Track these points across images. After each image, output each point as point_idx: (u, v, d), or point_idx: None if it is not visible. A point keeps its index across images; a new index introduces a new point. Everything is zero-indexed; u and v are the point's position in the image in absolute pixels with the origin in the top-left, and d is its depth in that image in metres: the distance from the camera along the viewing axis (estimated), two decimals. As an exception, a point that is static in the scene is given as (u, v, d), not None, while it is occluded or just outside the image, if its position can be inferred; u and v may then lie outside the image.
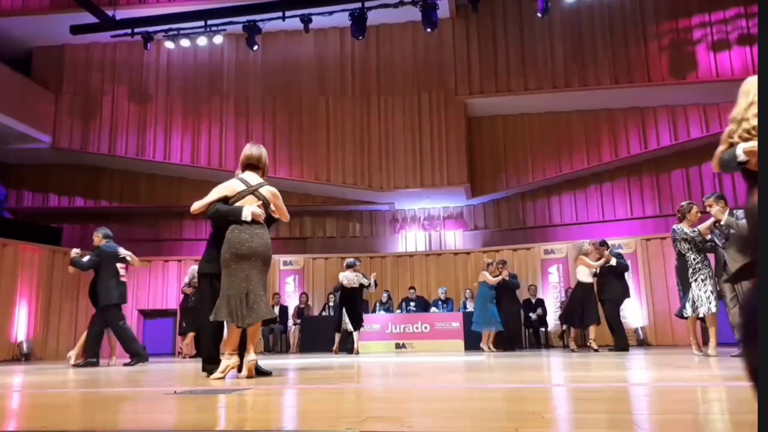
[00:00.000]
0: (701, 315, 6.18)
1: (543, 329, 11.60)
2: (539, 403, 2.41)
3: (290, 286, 13.05)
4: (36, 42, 13.06)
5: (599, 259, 8.55)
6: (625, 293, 8.59)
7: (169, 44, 12.13)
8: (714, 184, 11.87)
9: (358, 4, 10.87)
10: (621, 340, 8.24)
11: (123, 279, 7.34)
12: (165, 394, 2.98)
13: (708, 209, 5.99)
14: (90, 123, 12.99)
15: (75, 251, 7.34)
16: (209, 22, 11.62)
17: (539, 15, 10.78)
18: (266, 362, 7.21)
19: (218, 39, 11.97)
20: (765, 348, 0.70)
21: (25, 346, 10.92)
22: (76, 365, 6.96)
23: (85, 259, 7.33)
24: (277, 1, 11.23)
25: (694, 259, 6.25)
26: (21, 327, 11.03)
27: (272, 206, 4.41)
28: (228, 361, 4.10)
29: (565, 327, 10.36)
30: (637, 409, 2.20)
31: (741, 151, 1.89)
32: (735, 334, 5.84)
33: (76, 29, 11.75)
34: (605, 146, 12.47)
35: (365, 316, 11.38)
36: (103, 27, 11.74)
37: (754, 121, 1.81)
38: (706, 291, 6.11)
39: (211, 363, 4.34)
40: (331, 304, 12.23)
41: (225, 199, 4.32)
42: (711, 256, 6.41)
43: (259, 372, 4.21)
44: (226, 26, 11.69)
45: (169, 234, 13.95)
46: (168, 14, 11.56)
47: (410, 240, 13.73)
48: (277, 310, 12.25)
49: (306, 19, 11.25)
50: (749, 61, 11.06)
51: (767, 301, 0.71)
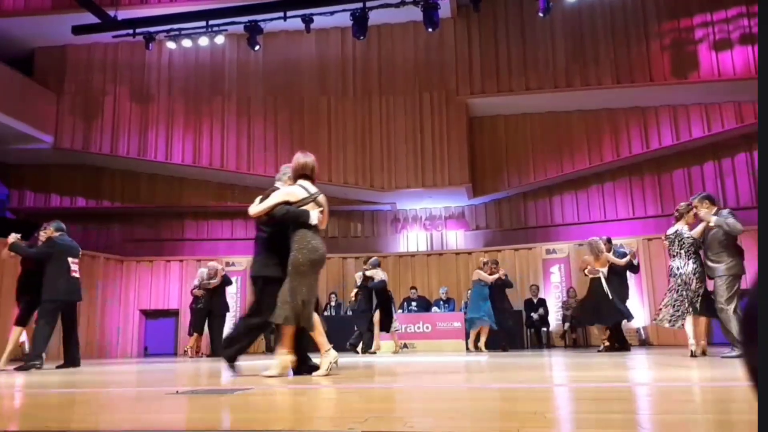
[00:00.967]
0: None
1: (545, 329, 11.59)
2: (541, 403, 2.40)
3: (292, 286, 13.05)
4: (38, 42, 13.08)
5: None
6: (627, 293, 8.56)
7: (171, 44, 12.14)
8: (716, 183, 11.86)
9: (360, 4, 10.87)
10: (623, 341, 8.25)
11: (75, 274, 6.81)
12: (166, 393, 2.99)
13: (695, 211, 5.99)
14: (91, 123, 13.01)
15: (15, 236, 6.73)
16: (211, 22, 11.63)
17: (540, 15, 10.77)
18: (267, 362, 7.22)
19: (220, 39, 11.98)
20: (765, 348, 0.70)
21: (27, 346, 10.92)
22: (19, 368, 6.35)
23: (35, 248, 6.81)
24: (279, 1, 11.23)
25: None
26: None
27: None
28: (284, 359, 4.22)
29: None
30: (639, 409, 2.19)
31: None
32: (725, 336, 5.80)
33: (77, 29, 11.77)
34: (607, 146, 12.46)
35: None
36: (104, 27, 11.75)
37: None
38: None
39: (232, 360, 4.44)
40: (333, 303, 12.22)
41: (286, 205, 4.38)
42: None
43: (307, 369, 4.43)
44: (227, 26, 11.70)
45: (170, 234, 13.97)
46: (169, 14, 11.57)
47: (412, 240, 13.73)
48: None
49: (307, 19, 11.25)
50: (751, 61, 11.05)
51: (767, 301, 0.71)
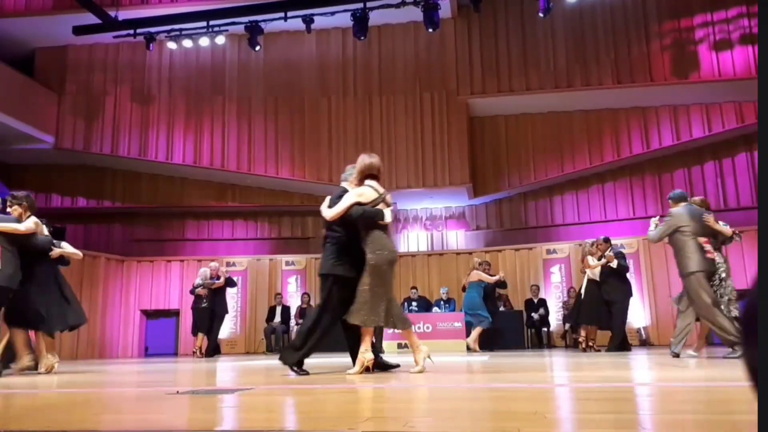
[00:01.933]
0: None
1: (545, 329, 11.59)
2: (541, 403, 2.40)
3: (292, 286, 13.07)
4: (39, 42, 13.09)
5: (600, 257, 8.51)
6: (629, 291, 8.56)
7: (172, 45, 12.15)
8: (716, 183, 11.86)
9: (360, 5, 10.88)
10: (624, 341, 8.27)
11: None
12: (167, 394, 2.99)
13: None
14: (92, 123, 13.02)
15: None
16: (211, 22, 11.64)
17: (541, 15, 10.77)
18: (267, 362, 7.22)
19: (220, 39, 11.99)
20: (765, 348, 0.70)
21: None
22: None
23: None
24: (279, 1, 11.24)
25: None
26: None
27: None
28: (363, 356, 4.32)
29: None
30: (640, 409, 2.19)
31: None
32: (720, 337, 5.71)
33: (78, 30, 11.77)
34: (607, 146, 12.46)
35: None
36: (105, 28, 11.76)
37: None
38: None
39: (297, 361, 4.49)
40: None
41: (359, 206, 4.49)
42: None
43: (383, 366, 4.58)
44: (228, 27, 11.70)
45: (171, 234, 13.98)
46: (170, 15, 11.58)
47: (412, 240, 13.73)
48: (279, 310, 12.29)
49: (308, 20, 11.26)
50: (751, 61, 11.04)
51: (767, 301, 0.71)
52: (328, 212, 4.55)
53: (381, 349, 4.50)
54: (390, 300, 4.32)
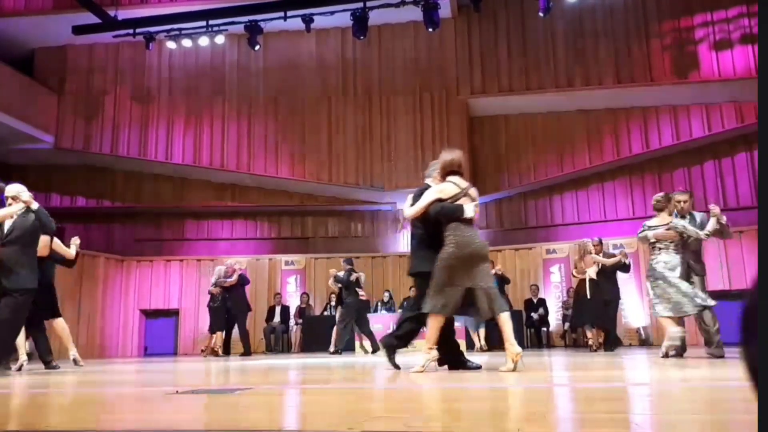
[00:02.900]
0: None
1: (544, 329, 11.59)
2: (541, 403, 2.40)
3: (292, 286, 13.06)
4: (38, 42, 13.09)
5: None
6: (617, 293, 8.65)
7: (171, 44, 12.15)
8: (716, 183, 11.86)
9: (360, 4, 10.87)
10: (616, 339, 8.47)
11: None
12: (166, 393, 2.99)
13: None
14: (92, 123, 13.02)
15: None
16: (211, 22, 11.64)
17: (541, 14, 10.77)
18: (267, 362, 7.23)
19: (220, 39, 11.99)
20: (765, 348, 0.70)
21: (27, 345, 10.93)
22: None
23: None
24: (279, 1, 11.24)
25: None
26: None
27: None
28: (428, 355, 4.34)
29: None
30: (639, 409, 2.19)
31: None
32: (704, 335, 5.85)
33: (78, 29, 11.78)
34: (607, 146, 12.46)
35: (368, 316, 11.42)
36: (105, 27, 11.77)
37: None
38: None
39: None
40: (333, 303, 12.22)
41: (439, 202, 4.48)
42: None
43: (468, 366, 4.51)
44: (227, 26, 11.71)
45: (170, 234, 13.98)
46: (170, 14, 11.58)
47: (412, 240, 13.71)
48: (278, 310, 12.28)
49: (307, 19, 11.26)
50: (751, 61, 11.04)
51: (767, 301, 0.71)
52: (409, 210, 4.60)
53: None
54: (461, 291, 4.20)
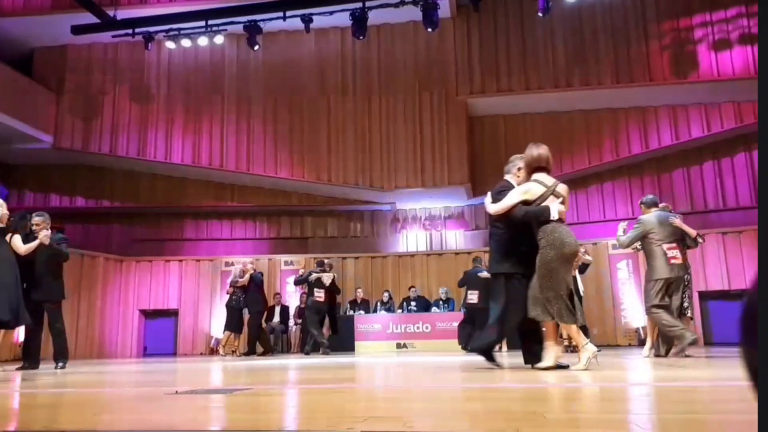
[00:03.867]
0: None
1: (544, 329, 11.58)
2: (540, 403, 2.40)
3: (291, 286, 13.04)
4: (37, 42, 13.08)
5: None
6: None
7: (170, 44, 12.14)
8: (715, 183, 11.86)
9: (359, 4, 10.87)
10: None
11: None
12: (166, 394, 2.99)
13: None
14: (91, 123, 13.01)
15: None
16: (210, 22, 11.63)
17: (540, 14, 10.77)
18: (268, 362, 7.22)
19: (219, 39, 11.98)
20: (765, 348, 0.70)
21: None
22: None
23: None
24: (278, 1, 11.23)
25: None
26: (22, 327, 11.01)
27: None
28: (553, 351, 4.31)
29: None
30: (639, 409, 2.19)
31: None
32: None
33: (77, 29, 11.77)
34: (606, 146, 12.46)
35: (367, 317, 11.42)
36: (104, 27, 11.76)
37: None
38: None
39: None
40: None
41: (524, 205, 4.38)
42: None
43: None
44: (227, 26, 11.70)
45: (170, 234, 13.97)
46: (169, 14, 11.57)
47: (411, 240, 13.73)
48: (278, 310, 12.27)
49: (307, 19, 11.26)
50: (750, 61, 11.05)
51: (767, 301, 0.71)
52: (492, 207, 4.46)
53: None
54: (556, 297, 4.18)
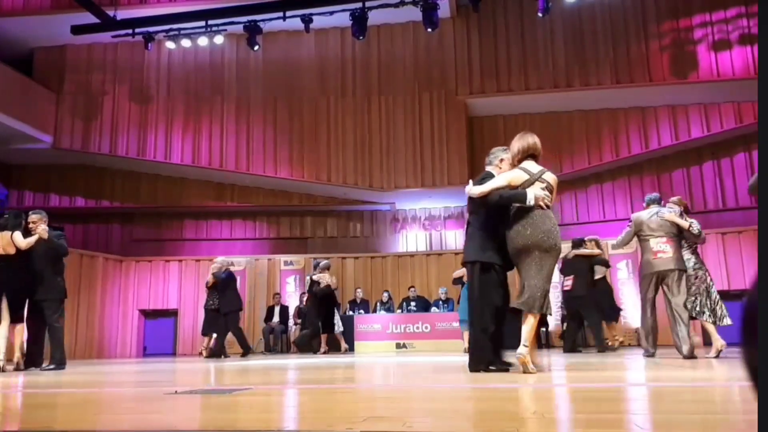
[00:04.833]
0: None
1: (543, 329, 11.57)
2: (540, 403, 2.40)
3: (291, 286, 13.05)
4: (37, 42, 13.08)
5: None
6: None
7: (170, 44, 12.14)
8: (715, 183, 11.87)
9: (359, 4, 10.88)
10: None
11: None
12: (165, 394, 2.98)
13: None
14: (91, 123, 13.00)
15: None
16: (210, 22, 11.64)
17: (540, 15, 10.78)
18: (267, 362, 7.22)
19: (219, 39, 11.98)
20: (765, 348, 0.70)
21: (26, 346, 10.91)
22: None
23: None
24: (278, 1, 11.23)
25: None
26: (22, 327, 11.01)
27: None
28: (535, 352, 4.06)
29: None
30: (639, 409, 2.19)
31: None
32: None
33: (77, 29, 11.77)
34: (606, 146, 12.47)
35: (367, 317, 11.44)
36: (104, 27, 11.75)
37: None
38: None
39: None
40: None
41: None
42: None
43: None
44: (227, 26, 11.70)
45: (169, 234, 13.98)
46: (169, 14, 11.57)
47: (411, 240, 13.73)
48: (277, 310, 12.28)
49: (307, 19, 11.26)
50: (750, 61, 11.05)
51: (767, 301, 0.71)
52: (475, 189, 4.18)
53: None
54: (539, 288, 3.89)
